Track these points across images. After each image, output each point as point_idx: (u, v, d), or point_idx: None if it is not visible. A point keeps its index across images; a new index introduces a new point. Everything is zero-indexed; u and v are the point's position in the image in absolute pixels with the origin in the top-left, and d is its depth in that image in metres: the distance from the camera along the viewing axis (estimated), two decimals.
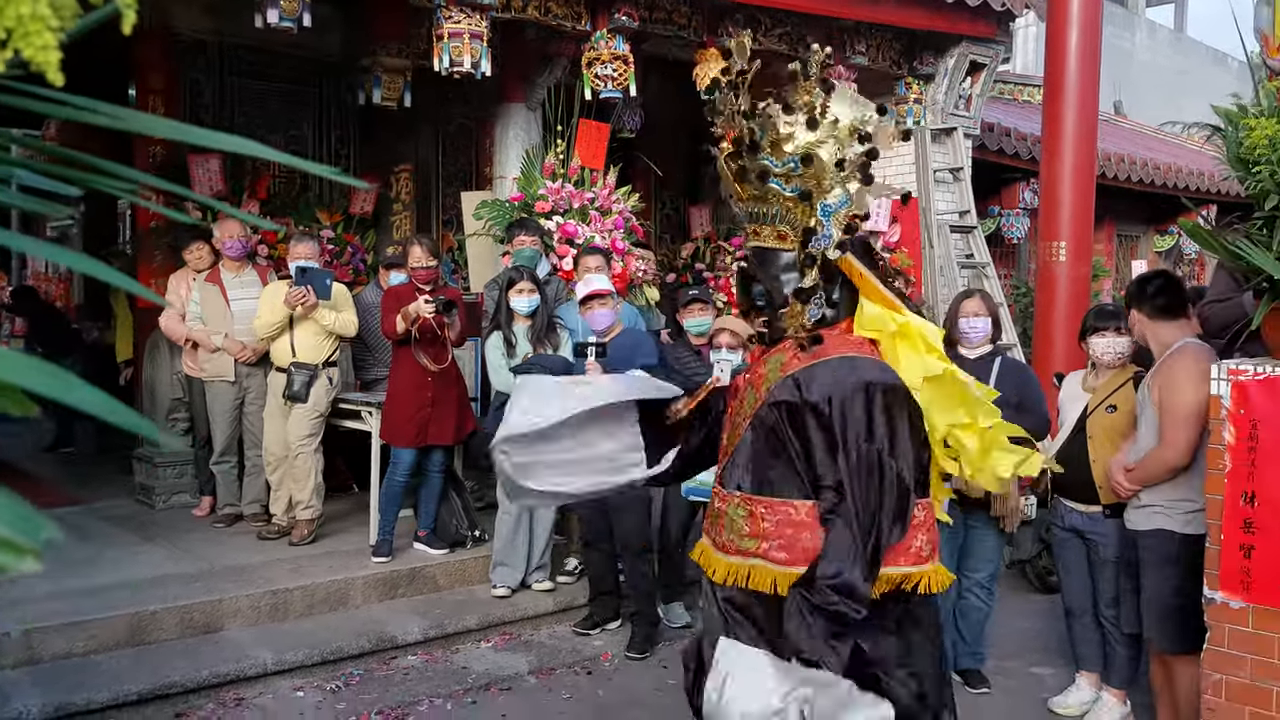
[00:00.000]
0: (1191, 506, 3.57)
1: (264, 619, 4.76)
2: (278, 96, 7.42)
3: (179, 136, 0.79)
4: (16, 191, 0.82)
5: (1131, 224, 12.66)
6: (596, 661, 4.85)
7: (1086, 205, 6.81)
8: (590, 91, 6.14)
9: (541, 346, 5.24)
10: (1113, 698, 4.21)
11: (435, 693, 4.40)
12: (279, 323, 5.49)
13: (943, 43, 7.92)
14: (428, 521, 5.57)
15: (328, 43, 7.36)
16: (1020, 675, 4.76)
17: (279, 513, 5.71)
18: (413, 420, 5.33)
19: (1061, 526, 4.31)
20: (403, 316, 5.22)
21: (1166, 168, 11.68)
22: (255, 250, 6.53)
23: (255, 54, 7.21)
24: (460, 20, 5.42)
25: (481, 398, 6.36)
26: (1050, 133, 6.82)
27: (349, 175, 7.43)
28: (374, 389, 6.13)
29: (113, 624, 4.35)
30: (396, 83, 6.47)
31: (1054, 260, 6.77)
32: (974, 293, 4.59)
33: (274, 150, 0.84)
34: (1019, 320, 9.10)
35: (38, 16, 0.63)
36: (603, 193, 6.35)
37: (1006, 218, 10.57)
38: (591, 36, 6.07)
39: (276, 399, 5.57)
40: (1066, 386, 4.43)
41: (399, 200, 8.02)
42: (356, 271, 7.30)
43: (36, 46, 0.64)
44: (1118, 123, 14.48)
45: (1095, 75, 6.83)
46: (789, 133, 2.33)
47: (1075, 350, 5.88)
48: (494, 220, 6.39)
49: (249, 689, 4.29)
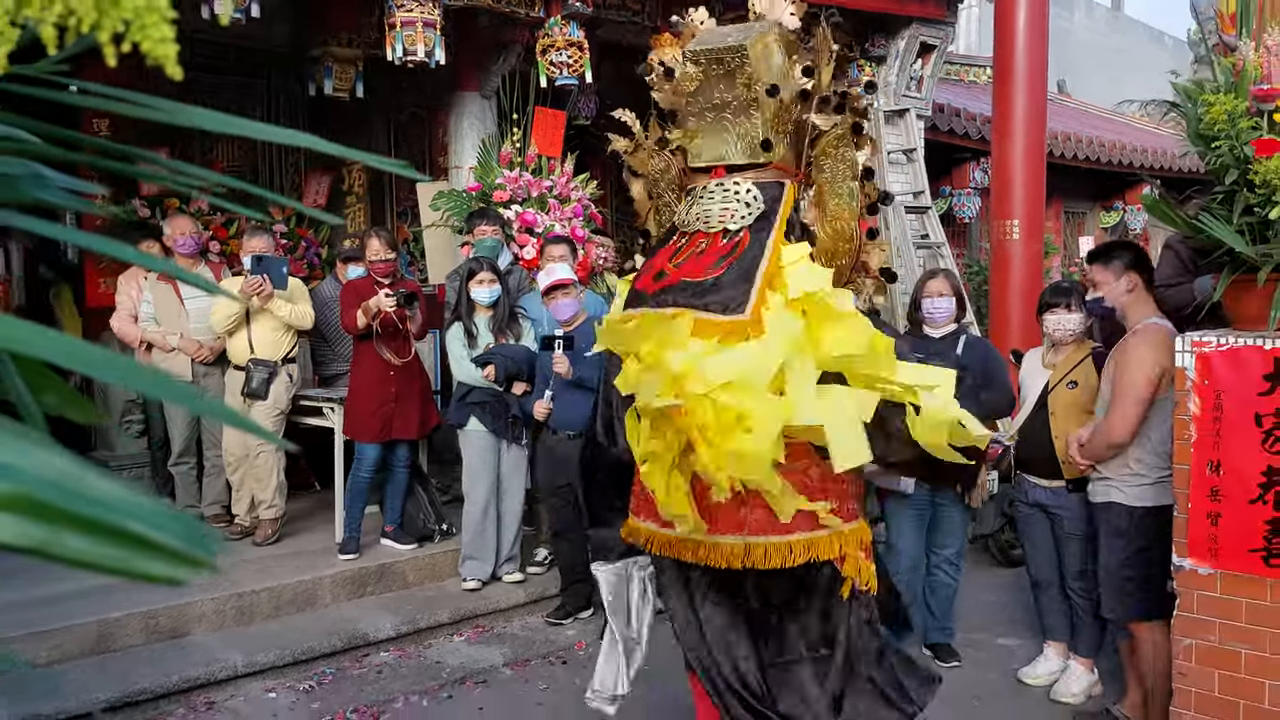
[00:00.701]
0: (1141, 481, 3.65)
1: (230, 622, 4.69)
2: (230, 89, 7.26)
3: (240, 131, 0.77)
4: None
5: (1078, 201, 12.88)
6: (571, 651, 4.85)
7: (1038, 184, 6.91)
8: (545, 79, 6.09)
9: (503, 337, 5.20)
10: (1080, 666, 4.29)
11: (410, 689, 4.37)
12: (236, 315, 5.39)
13: (893, 25, 7.97)
14: (394, 517, 5.52)
15: (277, 33, 7.22)
16: (989, 648, 4.84)
17: (241, 513, 5.62)
18: (376, 415, 5.27)
19: (1025, 502, 4.38)
20: (363, 311, 5.15)
21: (1112, 145, 11.89)
22: (207, 247, 6.41)
23: (206, 46, 7.05)
24: (413, 9, 5.34)
25: (442, 389, 6.31)
26: (1001, 113, 6.91)
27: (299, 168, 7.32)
28: (334, 384, 6.05)
29: (77, 632, 4.26)
30: (348, 73, 6.37)
31: (1008, 239, 6.87)
32: (938, 272, 4.62)
33: (344, 148, 0.83)
34: (973, 299, 9.22)
35: (154, 8, 0.60)
36: (561, 180, 6.31)
37: (958, 197, 10.71)
38: (545, 23, 6.03)
39: (235, 397, 5.47)
40: (1026, 363, 4.49)
41: (352, 193, 7.92)
42: (311, 266, 7.19)
43: (154, 40, 0.61)
44: (1063, 102, 14.70)
45: (1044, 56, 6.92)
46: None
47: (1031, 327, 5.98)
48: (451, 211, 6.32)
49: (219, 692, 4.23)
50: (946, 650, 4.66)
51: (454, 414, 5.25)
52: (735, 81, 2.50)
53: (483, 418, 5.15)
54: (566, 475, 4.92)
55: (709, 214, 2.53)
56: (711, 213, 2.52)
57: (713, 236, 2.50)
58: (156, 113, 0.72)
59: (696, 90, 2.56)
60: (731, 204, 2.51)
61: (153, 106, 0.72)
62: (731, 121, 2.55)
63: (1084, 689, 4.25)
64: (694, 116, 2.61)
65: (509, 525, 5.30)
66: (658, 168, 2.76)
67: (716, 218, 2.51)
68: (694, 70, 2.51)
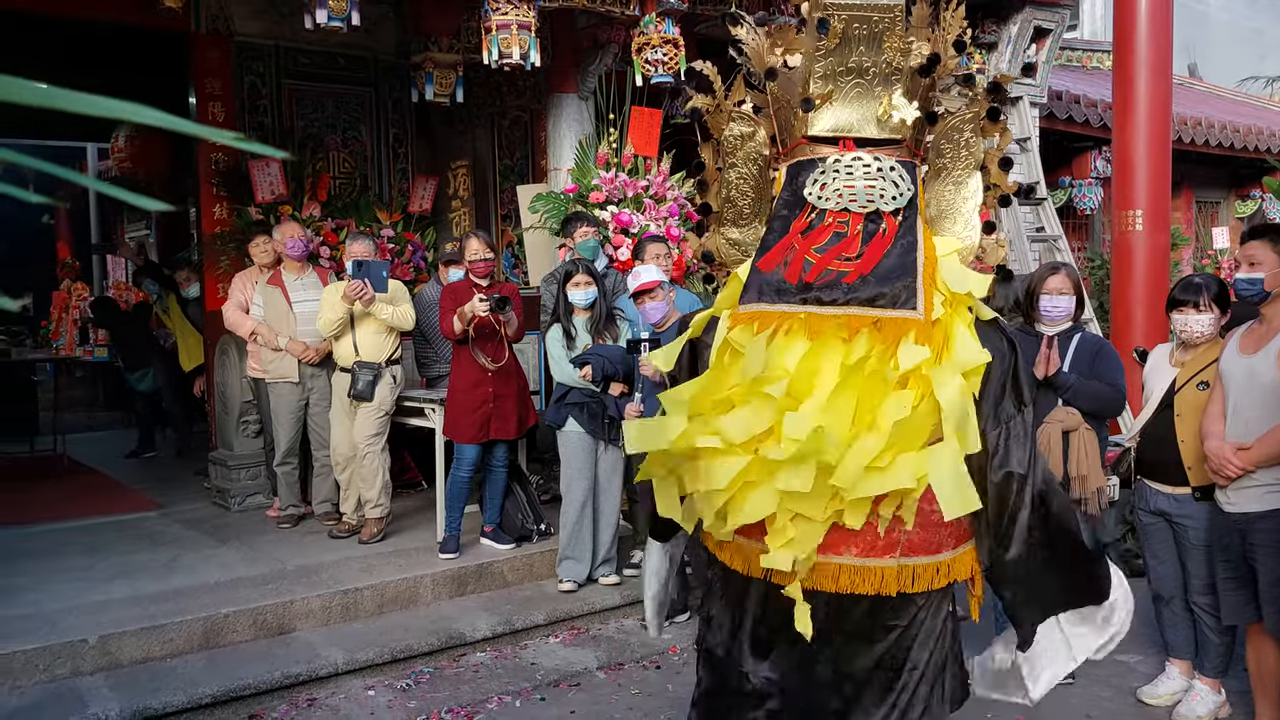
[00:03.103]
0: None
1: (335, 619, 4.79)
2: (334, 98, 7.46)
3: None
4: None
5: (1211, 190, 12.18)
6: (665, 655, 4.79)
7: (1163, 171, 6.54)
8: (641, 77, 6.05)
9: (601, 338, 5.19)
10: (1206, 686, 4.01)
11: (505, 690, 4.38)
12: (340, 319, 5.52)
13: (1005, 9, 7.66)
14: (493, 517, 5.57)
15: (381, 42, 7.39)
16: (1107, 664, 4.55)
17: (349, 512, 5.76)
18: (474, 416, 5.32)
19: (1147, 510, 4.12)
20: (459, 317, 5.21)
21: (1247, 129, 11.20)
22: (318, 252, 6.59)
23: (310, 56, 7.27)
24: (508, 12, 5.36)
25: (544, 390, 6.34)
26: (1122, 98, 6.56)
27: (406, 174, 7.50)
28: (437, 385, 6.14)
29: (188, 628, 4.41)
30: (449, 78, 6.45)
31: (1130, 230, 6.52)
32: (1060, 268, 4.27)
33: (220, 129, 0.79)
34: (1094, 294, 8.81)
35: None
36: (657, 180, 6.26)
37: (1078, 188, 10.25)
38: (640, 21, 5.98)
39: (342, 399, 5.61)
40: (1152, 359, 4.21)
41: (457, 196, 8.04)
42: (417, 269, 7.32)
43: None
44: (1192, 85, 13.93)
45: (1168, 37, 6.54)
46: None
47: (1156, 324, 5.63)
48: (549, 213, 6.35)
49: (321, 689, 4.32)
50: None
51: (552, 414, 5.26)
52: (881, 46, 2.21)
53: (580, 418, 5.15)
54: None
55: (854, 191, 2.19)
56: (858, 190, 2.18)
57: (853, 219, 2.19)
58: (42, 97, 0.70)
59: (834, 50, 2.22)
60: (878, 182, 2.19)
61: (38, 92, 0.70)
62: (867, 90, 2.24)
63: (1210, 711, 3.97)
64: (823, 79, 2.25)
65: (606, 526, 5.28)
66: (736, 133, 2.41)
67: (865, 196, 2.18)
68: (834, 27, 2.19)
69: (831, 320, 2.10)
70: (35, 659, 4.07)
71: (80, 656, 4.15)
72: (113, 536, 5.85)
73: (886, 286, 2.10)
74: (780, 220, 2.27)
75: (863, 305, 2.10)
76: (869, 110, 2.25)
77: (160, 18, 5.44)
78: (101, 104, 0.74)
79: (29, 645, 4.09)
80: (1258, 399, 3.51)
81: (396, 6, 7.14)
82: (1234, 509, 3.61)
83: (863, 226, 2.18)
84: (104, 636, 4.22)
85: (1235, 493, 3.60)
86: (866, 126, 2.25)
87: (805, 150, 2.30)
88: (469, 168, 8.02)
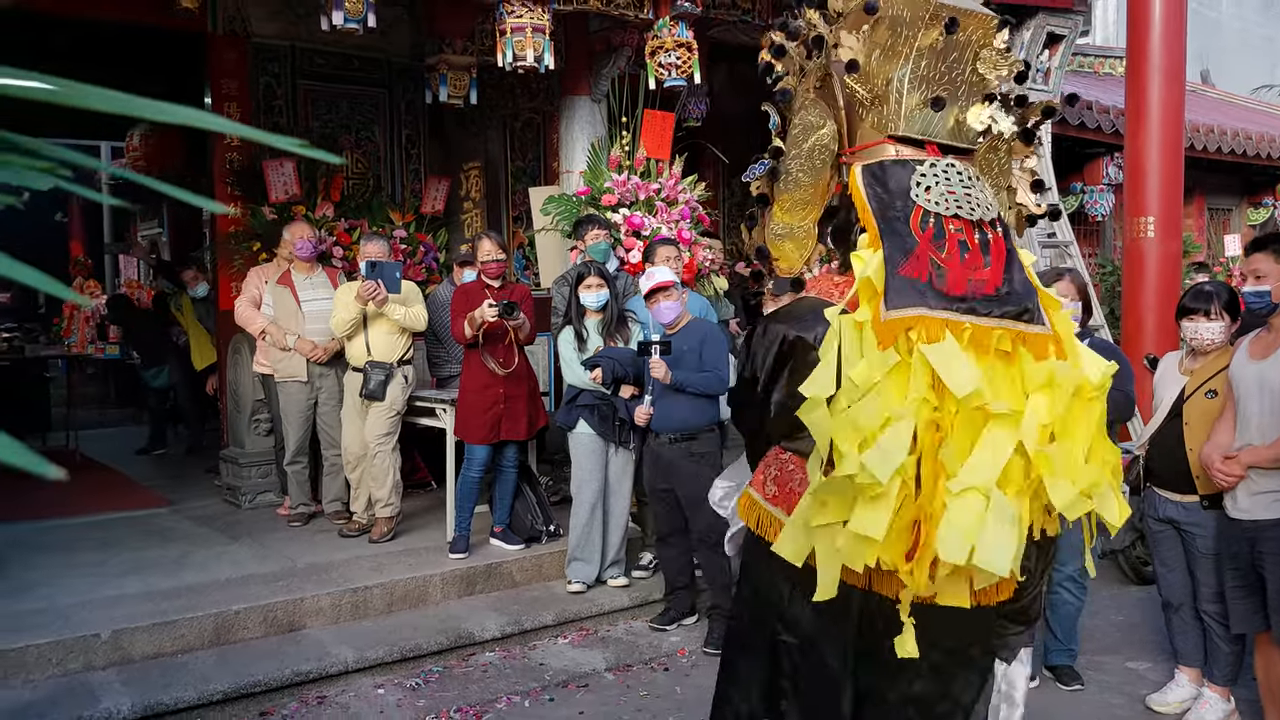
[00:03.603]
0: None
1: (345, 617, 4.82)
2: (348, 99, 7.50)
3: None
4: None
5: (1223, 197, 12.15)
6: (674, 657, 4.80)
7: (1175, 178, 6.53)
8: (654, 81, 6.07)
9: (612, 340, 5.21)
10: (1216, 695, 4.01)
11: (513, 690, 4.40)
12: (354, 319, 5.54)
13: (1018, 14, 7.65)
14: (503, 517, 5.58)
15: (396, 43, 7.43)
16: (1116, 671, 4.58)
17: (359, 511, 5.78)
18: (485, 416, 5.34)
19: (1156, 517, 4.12)
20: (468, 322, 5.23)
21: (1259, 137, 11.17)
22: (330, 252, 6.63)
23: (326, 57, 7.31)
24: (522, 14, 5.39)
25: (554, 391, 6.36)
26: (1134, 105, 6.55)
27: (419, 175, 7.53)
28: (449, 385, 6.17)
29: (199, 624, 4.43)
30: (462, 80, 6.48)
31: (1142, 236, 6.51)
32: (1063, 273, 4.30)
33: (250, 127, 0.82)
34: (1105, 300, 8.80)
35: None
36: (669, 183, 6.28)
37: (1090, 194, 10.22)
38: (654, 25, 6.00)
39: (354, 398, 5.63)
40: (1162, 367, 4.22)
41: (469, 198, 8.06)
42: (430, 270, 7.35)
43: None
44: (1205, 92, 13.89)
45: (1182, 43, 6.54)
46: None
47: (1166, 330, 5.63)
48: (561, 215, 6.37)
49: (331, 687, 4.34)
50: (1068, 673, 4.42)
51: (563, 416, 5.28)
52: (976, 56, 2.17)
53: (591, 420, 5.16)
54: (669, 479, 4.89)
55: (957, 197, 2.06)
56: (959, 196, 2.06)
57: (965, 228, 2.05)
58: (50, 93, 0.72)
59: (940, 50, 2.13)
60: (973, 190, 2.09)
61: (48, 85, 0.72)
62: (955, 97, 2.16)
63: (1219, 718, 3.97)
64: (918, 81, 2.15)
65: (615, 528, 5.29)
66: (809, 122, 2.26)
67: (969, 204, 2.06)
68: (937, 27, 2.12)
69: (989, 333, 1.91)
70: (48, 653, 4.10)
71: (93, 651, 4.18)
72: (124, 532, 5.88)
73: (1028, 300, 1.98)
74: (896, 224, 2.06)
75: (1014, 319, 1.95)
76: (951, 117, 2.17)
77: (177, 18, 5.47)
78: (166, 109, 0.76)
79: (42, 639, 4.12)
80: (1267, 405, 3.52)
81: (411, 9, 7.18)
82: (1243, 515, 3.62)
83: (978, 236, 2.04)
84: (116, 631, 4.24)
85: (1245, 499, 3.60)
86: (951, 134, 2.19)
87: (887, 150, 2.18)
88: (481, 169, 8.05)
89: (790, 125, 2.30)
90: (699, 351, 4.81)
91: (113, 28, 6.66)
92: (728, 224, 9.26)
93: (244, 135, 0.83)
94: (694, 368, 4.79)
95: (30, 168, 0.76)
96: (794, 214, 2.35)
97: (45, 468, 0.66)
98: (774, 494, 2.29)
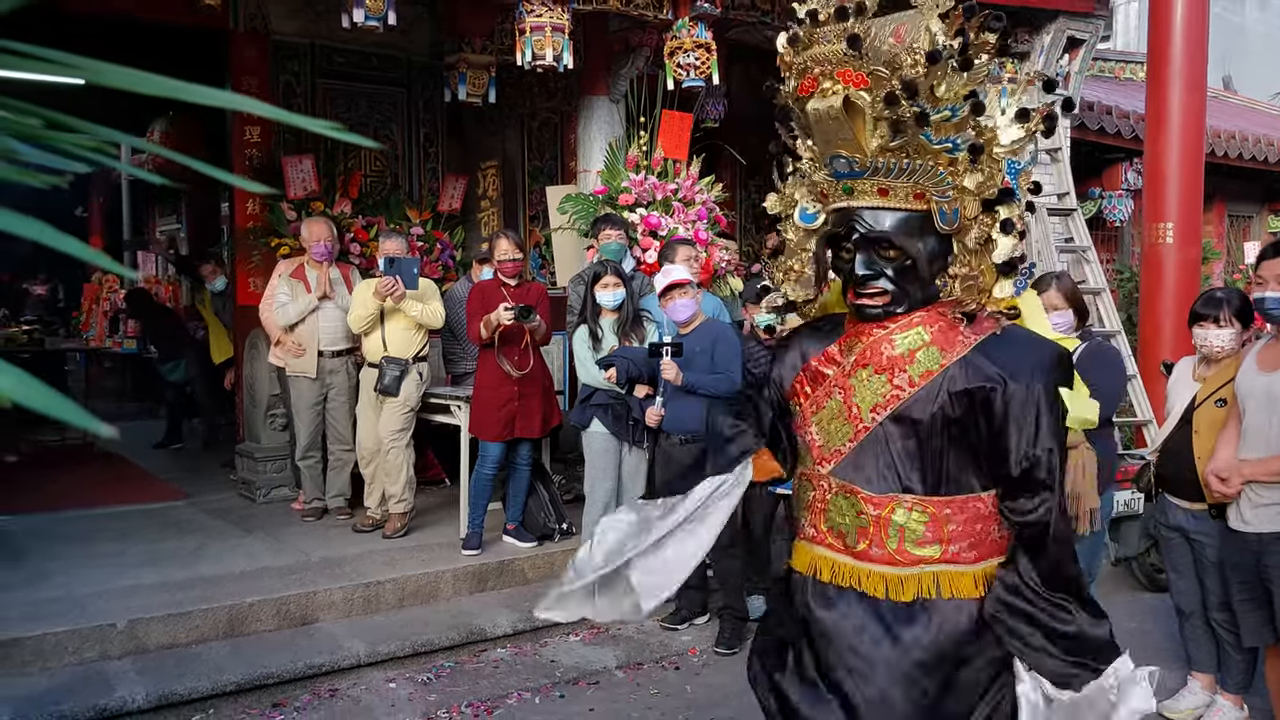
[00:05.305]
0: None
1: (357, 611, 4.84)
2: (367, 97, 7.54)
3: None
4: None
5: (1244, 204, 12.07)
6: (684, 656, 4.81)
7: (1195, 184, 6.50)
8: (673, 81, 6.08)
9: (627, 340, 5.21)
10: (1229, 702, 3.99)
11: (524, 686, 4.42)
12: (371, 315, 5.58)
13: (1038, 18, 7.62)
14: (516, 514, 5.60)
15: (415, 42, 7.46)
16: None
17: (373, 506, 5.81)
18: (500, 414, 5.36)
19: (1167, 524, 4.09)
20: (484, 325, 5.25)
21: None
22: (347, 249, 6.66)
23: (345, 55, 7.35)
24: (542, 14, 5.41)
25: (569, 390, 6.38)
26: (1155, 110, 6.53)
27: (437, 173, 7.56)
28: (463, 383, 6.19)
29: (213, 615, 4.47)
30: (481, 79, 6.51)
31: (1160, 242, 6.49)
32: (1049, 282, 4.12)
33: (276, 108, 0.85)
34: (1123, 306, 8.74)
35: None
36: (686, 183, 6.29)
37: (1108, 199, 10.18)
38: (673, 25, 6.01)
39: (369, 394, 5.66)
40: (1176, 373, 4.18)
41: (486, 196, 8.09)
42: (446, 268, 7.38)
43: None
44: (1227, 98, 13.80)
45: (1203, 49, 6.51)
46: (941, 76, 1.96)
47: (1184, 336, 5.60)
48: (578, 214, 6.39)
49: (343, 680, 4.37)
50: None
51: (577, 415, 5.29)
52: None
53: (605, 420, 5.18)
54: (680, 480, 4.88)
55: None
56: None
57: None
58: (70, 70, 0.73)
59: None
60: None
61: (69, 65, 0.73)
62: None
63: None
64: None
65: None
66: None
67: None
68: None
69: None
70: (65, 641, 4.14)
71: (108, 640, 4.22)
72: (141, 524, 5.94)
73: None
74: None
75: None
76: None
77: (199, 15, 5.52)
78: (212, 94, 0.78)
79: (59, 628, 4.17)
80: (1275, 418, 3.47)
81: (431, 7, 7.21)
82: (1249, 529, 3.55)
83: None
84: (132, 621, 4.29)
85: (1249, 511, 3.54)
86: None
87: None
88: (498, 168, 8.08)
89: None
90: (711, 353, 4.81)
91: (134, 25, 6.70)
92: (744, 225, 9.25)
93: (278, 118, 0.84)
94: (706, 369, 4.79)
95: (82, 146, 0.79)
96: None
97: (98, 426, 0.70)
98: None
